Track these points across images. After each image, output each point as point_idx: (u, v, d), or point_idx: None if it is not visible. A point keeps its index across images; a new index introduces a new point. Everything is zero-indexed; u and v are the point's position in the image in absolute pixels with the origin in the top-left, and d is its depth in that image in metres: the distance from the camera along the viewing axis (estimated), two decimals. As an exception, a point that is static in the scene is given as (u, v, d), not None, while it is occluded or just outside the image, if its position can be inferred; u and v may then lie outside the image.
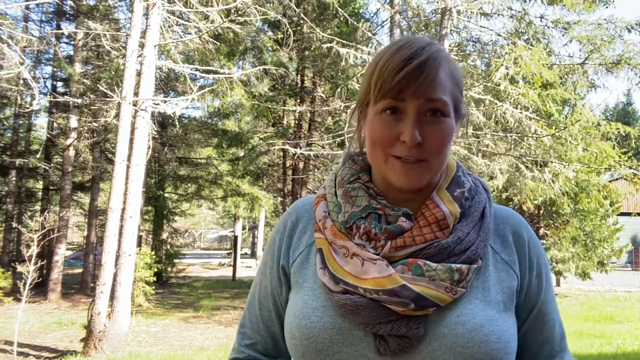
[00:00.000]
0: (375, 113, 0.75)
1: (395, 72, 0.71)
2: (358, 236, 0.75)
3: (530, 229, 0.85)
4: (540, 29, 9.09)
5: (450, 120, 0.75)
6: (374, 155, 0.76)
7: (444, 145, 0.74)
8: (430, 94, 0.72)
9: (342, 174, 0.84)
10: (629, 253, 20.75)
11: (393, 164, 0.74)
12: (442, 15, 8.59)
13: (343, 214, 0.78)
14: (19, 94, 13.64)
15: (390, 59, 0.72)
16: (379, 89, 0.73)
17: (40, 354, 6.65)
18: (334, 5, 9.09)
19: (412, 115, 0.72)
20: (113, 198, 6.62)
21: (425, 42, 0.74)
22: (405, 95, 0.72)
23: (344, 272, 0.74)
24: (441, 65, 0.73)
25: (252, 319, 0.90)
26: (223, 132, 13.48)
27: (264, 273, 0.89)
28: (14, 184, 13.90)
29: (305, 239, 0.85)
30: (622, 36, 8.74)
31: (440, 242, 0.73)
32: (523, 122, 8.49)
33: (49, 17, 14.39)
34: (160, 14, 7.09)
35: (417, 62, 0.71)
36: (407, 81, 0.71)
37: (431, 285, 0.70)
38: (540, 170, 8.98)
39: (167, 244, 15.01)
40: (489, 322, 0.72)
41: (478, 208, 0.79)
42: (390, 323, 0.70)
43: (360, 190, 0.79)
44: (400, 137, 0.72)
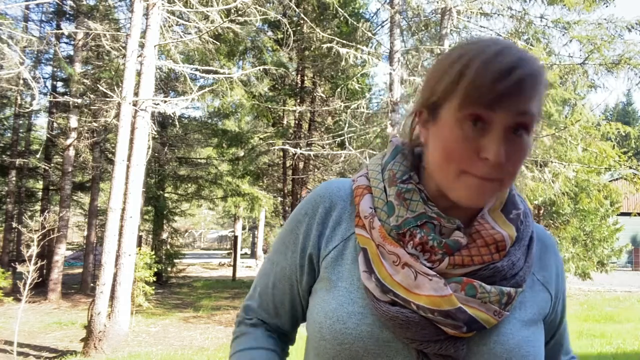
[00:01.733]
0: (455, 121, 0.66)
1: (496, 80, 0.63)
2: (412, 245, 0.70)
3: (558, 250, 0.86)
4: (540, 28, 9.09)
5: (530, 138, 0.69)
6: (445, 169, 0.68)
7: (520, 165, 0.68)
8: (525, 107, 0.65)
9: (394, 170, 0.76)
10: (629, 253, 20.76)
11: (467, 181, 0.66)
12: (442, 15, 8.60)
13: (396, 217, 0.72)
14: (19, 94, 13.64)
15: (489, 66, 0.64)
16: (469, 95, 0.64)
17: (40, 354, 6.65)
18: (334, 5, 9.10)
19: (500, 131, 0.64)
20: (113, 198, 6.62)
21: (521, 51, 0.67)
22: (502, 106, 0.64)
23: (393, 281, 0.69)
24: (539, 80, 0.66)
25: (262, 296, 0.87)
26: (223, 132, 13.48)
27: (284, 254, 0.83)
28: (14, 184, 13.90)
29: (340, 231, 0.78)
30: (622, 36, 8.75)
31: (495, 265, 0.70)
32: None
33: (49, 17, 14.40)
34: (160, 14, 7.09)
35: (521, 75, 0.63)
36: (507, 92, 0.63)
37: (482, 307, 0.68)
38: (540, 170, 8.98)
39: (167, 244, 15.01)
40: (526, 343, 0.71)
41: (528, 232, 0.76)
42: (438, 342, 0.68)
43: (414, 194, 0.73)
44: (481, 153, 0.65)
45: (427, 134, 0.73)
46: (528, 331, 0.73)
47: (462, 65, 0.66)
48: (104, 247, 6.59)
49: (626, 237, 18.06)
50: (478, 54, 0.65)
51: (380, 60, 9.47)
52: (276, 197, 15.74)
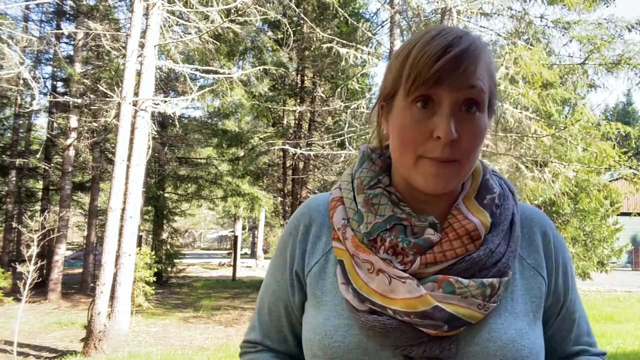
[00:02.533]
0: (405, 106, 0.68)
1: (434, 61, 0.64)
2: (383, 250, 0.69)
3: (553, 225, 0.81)
4: (540, 28, 9.09)
5: (485, 116, 0.69)
6: (403, 156, 0.69)
7: (478, 144, 0.68)
8: (470, 81, 0.65)
9: (361, 177, 0.77)
10: (629, 253, 20.76)
11: (424, 166, 0.67)
12: (442, 15, 8.59)
13: (365, 224, 0.71)
14: (19, 94, 13.64)
15: (426, 47, 0.65)
16: (413, 79, 0.65)
17: (40, 354, 6.65)
18: (334, 5, 9.09)
19: (447, 108, 0.65)
20: (113, 198, 6.62)
21: (461, 31, 0.68)
22: (444, 83, 0.65)
23: (369, 289, 0.69)
24: (481, 55, 0.67)
25: (263, 324, 0.86)
26: (223, 132, 13.48)
27: (275, 277, 0.84)
28: (14, 184, 13.90)
29: (320, 245, 0.78)
30: (623, 36, 8.74)
31: (472, 256, 0.68)
32: (523, 122, 8.49)
33: (49, 17, 14.39)
34: (160, 14, 7.09)
35: (457, 50, 0.64)
36: (445, 70, 0.64)
37: (463, 303, 0.66)
38: (540, 170, 8.98)
39: (167, 244, 15.00)
40: (520, 336, 0.68)
41: (507, 215, 0.74)
42: (422, 345, 0.66)
43: (382, 197, 0.73)
44: (434, 132, 0.65)
45: (387, 127, 0.74)
46: (522, 323, 0.70)
47: (406, 53, 0.68)
48: (104, 247, 6.59)
49: (626, 237, 18.06)
50: (418, 40, 0.68)
51: (380, 60, 9.46)
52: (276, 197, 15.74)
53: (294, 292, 0.80)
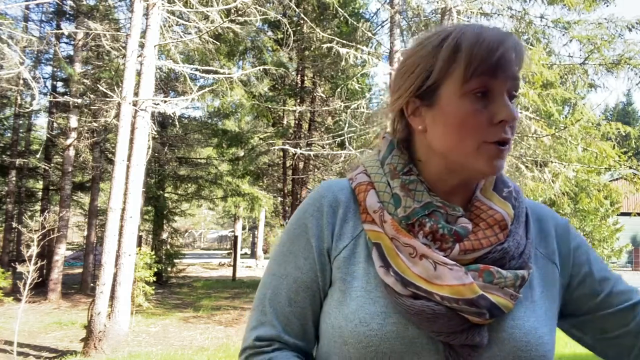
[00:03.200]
0: (462, 95, 0.69)
1: (495, 49, 0.68)
2: (422, 235, 0.70)
3: (564, 219, 0.85)
4: (540, 28, 9.09)
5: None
6: (463, 144, 0.70)
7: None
8: (515, 73, 0.71)
9: (393, 163, 0.76)
10: (629, 253, 20.75)
11: (488, 151, 0.69)
12: (442, 15, 8.59)
13: (404, 208, 0.71)
14: (19, 94, 13.64)
15: (480, 38, 0.69)
16: (474, 66, 0.68)
17: (40, 354, 6.65)
18: (334, 5, 9.10)
19: (504, 94, 0.70)
20: (113, 198, 6.62)
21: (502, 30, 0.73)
22: (503, 73, 0.69)
23: (412, 274, 0.68)
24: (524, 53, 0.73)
25: (281, 318, 0.77)
26: (223, 132, 13.48)
27: (294, 263, 0.77)
28: (14, 184, 13.90)
29: (348, 229, 0.76)
30: (623, 35, 8.74)
31: (502, 246, 0.70)
32: (523, 122, 8.49)
33: (49, 17, 14.40)
34: (160, 14, 7.09)
35: (512, 41, 0.69)
36: (508, 57, 0.68)
37: (500, 293, 0.68)
38: (540, 170, 8.98)
39: (167, 244, 15.01)
40: (541, 324, 0.71)
41: (523, 209, 0.77)
42: (464, 332, 0.67)
43: (418, 184, 0.73)
44: (494, 118, 0.68)
45: (423, 121, 0.74)
46: (540, 310, 0.73)
47: (453, 45, 0.70)
48: (104, 247, 6.59)
49: (626, 237, 18.06)
50: (463, 34, 0.70)
51: (380, 60, 9.47)
52: (276, 197, 15.75)
53: (325, 276, 0.76)
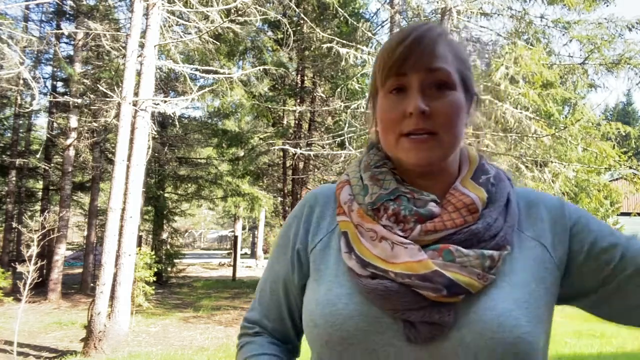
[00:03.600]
0: (383, 96, 0.76)
1: (395, 48, 0.73)
2: (386, 217, 0.74)
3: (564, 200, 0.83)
4: (541, 28, 9.09)
5: (458, 94, 0.75)
6: (386, 138, 0.77)
7: (453, 117, 0.73)
8: (431, 64, 0.73)
9: (368, 160, 0.83)
10: (629, 253, 20.69)
11: (403, 143, 0.73)
12: (442, 15, 8.59)
13: (370, 195, 0.76)
14: (19, 94, 13.64)
15: (390, 41, 0.76)
16: (382, 70, 0.75)
17: (40, 354, 6.65)
18: (334, 5, 9.10)
19: (416, 88, 0.73)
20: (113, 198, 6.62)
21: (422, 23, 0.76)
22: (406, 69, 0.73)
23: (372, 255, 0.72)
24: (439, 38, 0.75)
25: (263, 304, 0.90)
26: (223, 132, 13.47)
27: (277, 259, 0.87)
28: (14, 184, 13.90)
29: (325, 224, 0.83)
30: (623, 35, 8.74)
31: (470, 228, 0.71)
32: (523, 122, 8.48)
33: (49, 17, 14.40)
34: (160, 14, 7.09)
35: (414, 36, 0.73)
36: (405, 54, 0.72)
37: (463, 271, 0.68)
38: (540, 170, 8.98)
39: (167, 244, 15.00)
40: (518, 306, 0.69)
41: (503, 194, 0.78)
42: (421, 310, 0.68)
43: (387, 175, 0.78)
44: (407, 110, 0.72)
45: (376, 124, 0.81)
46: (520, 293, 0.71)
47: (378, 54, 0.78)
48: (104, 247, 6.59)
49: (626, 237, 18.03)
50: (386, 41, 0.78)
51: (380, 60, 9.46)
52: (276, 197, 15.74)
53: (294, 270, 0.83)
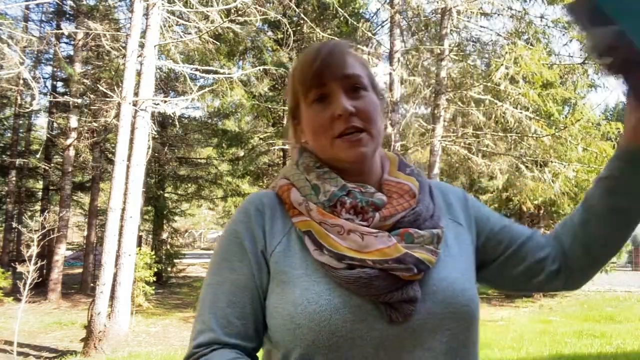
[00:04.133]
0: (307, 107, 0.84)
1: (312, 62, 0.82)
2: (345, 211, 0.79)
3: (465, 192, 0.98)
4: (541, 28, 9.10)
5: (372, 94, 0.85)
6: (320, 143, 0.83)
7: (374, 113, 0.82)
8: (345, 71, 0.82)
9: (306, 162, 0.86)
10: (629, 253, 20.75)
11: (338, 144, 0.80)
12: (442, 15, 8.60)
13: (324, 193, 0.81)
14: (19, 94, 13.65)
15: (304, 58, 0.85)
16: (303, 84, 0.83)
17: (40, 354, 6.65)
18: (334, 5, 9.10)
19: (338, 94, 0.81)
20: (113, 198, 6.62)
21: (327, 40, 0.87)
22: (325, 79, 0.81)
23: (344, 248, 0.75)
24: (347, 50, 0.86)
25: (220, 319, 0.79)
26: (223, 132, 13.47)
27: (229, 268, 0.81)
28: (14, 184, 13.91)
29: (278, 227, 0.82)
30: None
31: (415, 210, 0.81)
32: (523, 122, 8.49)
33: (49, 17, 14.41)
34: (160, 14, 7.09)
35: (326, 50, 0.83)
36: (322, 66, 0.81)
37: (422, 250, 0.77)
38: (540, 170, 8.98)
39: (167, 244, 15.01)
40: (462, 273, 0.81)
41: (426, 183, 0.89)
42: (399, 290, 0.74)
43: (332, 173, 0.83)
44: (335, 113, 0.80)
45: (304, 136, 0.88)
46: (460, 263, 0.83)
47: (292, 74, 0.87)
48: (104, 247, 6.59)
49: (626, 237, 18.02)
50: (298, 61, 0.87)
51: (380, 60, 9.47)
52: (276, 197, 15.72)
53: (262, 274, 0.80)
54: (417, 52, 9.06)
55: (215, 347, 0.78)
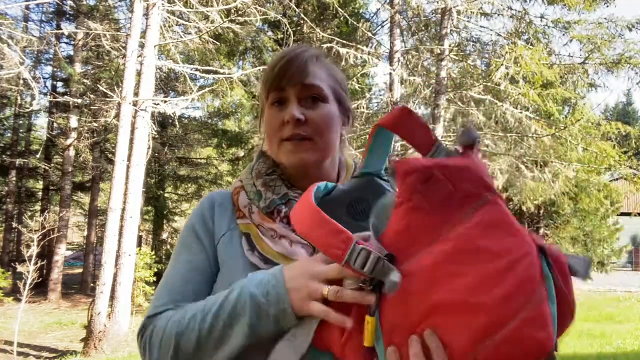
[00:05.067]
0: (267, 108, 0.89)
1: (274, 66, 0.86)
2: (279, 219, 0.83)
3: None
4: (541, 28, 9.09)
5: (331, 106, 0.88)
6: (271, 145, 0.88)
7: (325, 124, 0.85)
8: (304, 80, 0.85)
9: (259, 167, 0.91)
10: (629, 253, 20.74)
11: (283, 147, 0.85)
12: (442, 15, 8.59)
13: (264, 200, 0.85)
14: (19, 94, 13.64)
15: (272, 61, 0.88)
16: (265, 85, 0.88)
17: (40, 354, 6.65)
18: (334, 5, 9.09)
19: (293, 99, 0.85)
20: (113, 198, 6.62)
21: (299, 46, 0.89)
22: (283, 83, 0.85)
23: (273, 252, 0.80)
24: (312, 59, 0.87)
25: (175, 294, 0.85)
26: (223, 132, 13.47)
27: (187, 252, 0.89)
28: (14, 184, 13.91)
29: (225, 222, 0.89)
30: (623, 35, 8.74)
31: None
32: (523, 122, 8.49)
33: (49, 17, 14.40)
34: (160, 14, 7.09)
35: (289, 56, 0.86)
36: (283, 71, 0.85)
37: None
38: (540, 170, 8.98)
39: (167, 244, 15.00)
40: None
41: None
42: None
43: (277, 181, 0.88)
44: (284, 118, 0.84)
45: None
46: None
47: (262, 73, 0.90)
48: (104, 247, 6.59)
49: (626, 237, 18.06)
50: (269, 63, 0.89)
51: (380, 60, 9.47)
52: (276, 197, 15.73)
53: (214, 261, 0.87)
54: (417, 52, 9.06)
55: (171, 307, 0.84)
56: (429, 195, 0.61)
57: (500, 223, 0.62)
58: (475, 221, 0.61)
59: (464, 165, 0.64)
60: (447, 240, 0.60)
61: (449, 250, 0.59)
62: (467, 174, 0.63)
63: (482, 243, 0.59)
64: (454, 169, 0.63)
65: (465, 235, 0.60)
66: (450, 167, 0.63)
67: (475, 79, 9.17)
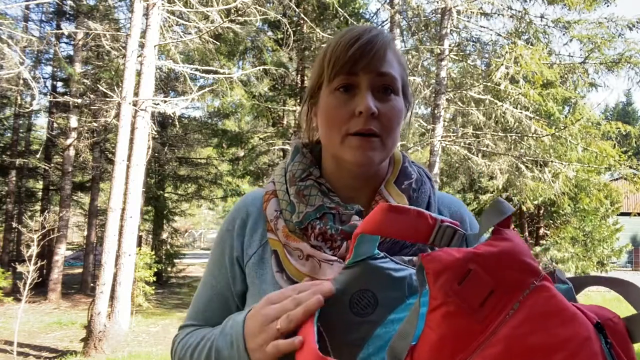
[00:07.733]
0: (329, 93, 0.77)
1: (349, 47, 0.73)
2: (314, 237, 0.75)
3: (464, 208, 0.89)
4: (541, 28, 9.09)
5: (400, 99, 0.78)
6: (330, 136, 0.77)
7: (396, 121, 0.76)
8: (381, 68, 0.75)
9: (293, 170, 0.82)
10: (629, 253, 20.72)
11: (350, 141, 0.74)
12: (442, 15, 8.59)
13: (297, 214, 0.77)
14: (19, 94, 13.64)
15: (341, 39, 0.75)
16: (332, 66, 0.75)
17: (40, 354, 6.65)
18: (334, 5, 9.09)
19: (366, 88, 0.74)
20: (113, 198, 6.62)
21: (371, 26, 0.78)
22: (358, 69, 0.74)
23: (300, 274, 0.74)
24: (389, 44, 0.77)
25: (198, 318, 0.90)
26: (223, 132, 13.47)
27: (213, 273, 0.88)
28: (14, 184, 13.90)
29: (257, 237, 0.83)
30: (623, 34, 8.73)
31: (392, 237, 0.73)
32: (523, 122, 8.48)
33: (49, 17, 14.39)
34: (160, 14, 7.09)
35: (368, 37, 0.74)
36: (359, 54, 0.73)
37: None
38: (540, 170, 8.98)
39: (167, 244, 15.00)
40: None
41: (424, 199, 0.81)
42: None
43: (313, 189, 0.79)
44: (356, 110, 0.74)
45: (317, 119, 0.82)
46: None
47: (325, 50, 0.77)
48: (104, 247, 6.59)
49: (626, 237, 18.05)
50: (334, 38, 0.77)
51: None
52: (276, 197, 15.72)
53: (235, 282, 0.84)
54: (417, 52, 9.05)
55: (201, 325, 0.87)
56: (468, 295, 0.53)
57: (551, 313, 0.55)
58: (524, 315, 0.54)
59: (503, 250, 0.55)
60: (497, 342, 0.53)
61: (500, 355, 0.52)
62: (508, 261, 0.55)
63: (534, 340, 0.53)
64: (492, 257, 0.54)
65: (515, 334, 0.53)
66: (487, 256, 0.54)
67: (475, 79, 9.17)
